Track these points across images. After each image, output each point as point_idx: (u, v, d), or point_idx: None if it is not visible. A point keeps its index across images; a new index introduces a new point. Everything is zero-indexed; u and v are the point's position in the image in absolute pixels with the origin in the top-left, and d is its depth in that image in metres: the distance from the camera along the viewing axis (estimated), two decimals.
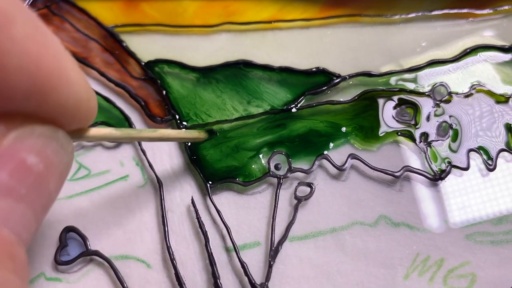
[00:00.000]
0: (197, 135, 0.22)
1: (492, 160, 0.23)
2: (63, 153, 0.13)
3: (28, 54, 0.11)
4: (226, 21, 0.27)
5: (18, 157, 0.11)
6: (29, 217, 0.11)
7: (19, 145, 0.11)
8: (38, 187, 0.12)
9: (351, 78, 0.25)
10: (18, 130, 0.11)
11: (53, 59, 0.11)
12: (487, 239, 0.22)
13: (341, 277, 0.22)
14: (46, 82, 0.11)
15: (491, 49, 0.25)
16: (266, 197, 0.24)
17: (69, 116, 0.13)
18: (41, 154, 0.12)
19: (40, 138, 0.12)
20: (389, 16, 0.26)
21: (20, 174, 0.11)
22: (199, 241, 0.23)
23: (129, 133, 0.18)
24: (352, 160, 0.24)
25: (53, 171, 0.12)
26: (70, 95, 0.12)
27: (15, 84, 0.11)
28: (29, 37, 0.11)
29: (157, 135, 0.19)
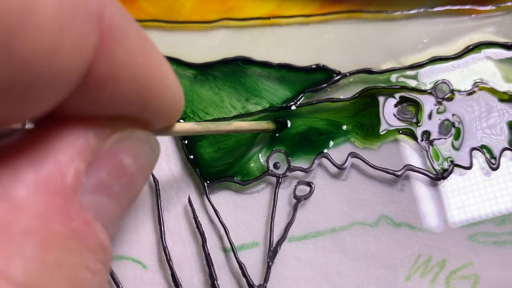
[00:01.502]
0: (267, 126, 0.23)
1: (495, 159, 0.23)
2: (152, 157, 0.14)
3: (138, 65, 0.12)
4: (224, 17, 0.26)
5: (117, 158, 0.12)
6: (117, 213, 0.13)
7: (119, 147, 0.12)
8: (129, 186, 0.13)
9: (352, 75, 0.25)
10: (120, 133, 0.12)
11: (156, 66, 0.12)
12: (490, 240, 0.22)
13: (341, 278, 0.22)
14: (151, 89, 0.12)
15: (494, 46, 0.25)
16: (265, 196, 0.23)
17: (163, 117, 0.14)
18: (136, 156, 0.13)
19: (137, 142, 0.13)
20: (390, 12, 0.26)
21: (116, 173, 0.12)
22: (196, 241, 0.23)
23: (208, 127, 0.19)
24: (353, 159, 0.23)
25: (142, 172, 0.13)
26: (168, 99, 0.13)
27: (125, 93, 0.11)
28: (139, 49, 0.12)
29: (232, 128, 0.20)
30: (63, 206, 0.10)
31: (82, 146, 0.11)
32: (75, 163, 0.11)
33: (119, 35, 0.11)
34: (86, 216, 0.11)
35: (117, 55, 0.11)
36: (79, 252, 0.11)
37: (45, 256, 0.10)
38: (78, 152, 0.11)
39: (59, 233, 0.10)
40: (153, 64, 0.12)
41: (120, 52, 0.11)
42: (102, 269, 0.11)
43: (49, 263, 0.10)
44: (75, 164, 0.11)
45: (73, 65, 0.10)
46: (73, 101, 0.11)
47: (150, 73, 0.12)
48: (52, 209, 0.10)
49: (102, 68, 0.11)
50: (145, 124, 0.14)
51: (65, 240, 0.10)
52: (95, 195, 0.12)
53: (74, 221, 0.11)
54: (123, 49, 0.11)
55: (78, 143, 0.11)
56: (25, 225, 0.10)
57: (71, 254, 0.10)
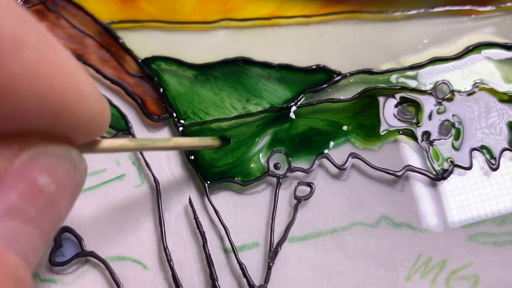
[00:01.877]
0: (211, 143, 0.22)
1: (495, 159, 0.23)
2: (76, 173, 0.13)
3: (40, 76, 0.10)
4: (224, 18, 0.26)
5: (29, 178, 0.11)
6: (37, 239, 0.11)
7: (32, 165, 0.11)
8: (48, 208, 0.11)
9: (352, 76, 0.25)
10: (31, 150, 0.11)
11: (65, 77, 0.11)
12: (490, 240, 0.22)
13: (341, 279, 0.22)
14: (59, 101, 0.11)
15: (494, 46, 0.25)
16: (265, 197, 0.23)
17: (82, 131, 0.13)
18: (53, 174, 0.12)
19: (53, 158, 0.12)
20: (391, 12, 0.26)
21: (30, 195, 0.11)
22: (196, 241, 0.23)
23: (143, 143, 0.17)
24: (353, 159, 0.23)
25: (64, 191, 0.12)
26: (83, 111, 0.12)
27: (27, 106, 0.10)
28: (40, 59, 0.10)
29: (171, 144, 0.19)
30: None
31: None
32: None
33: (12, 46, 0.10)
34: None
35: (11, 66, 0.10)
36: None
37: None
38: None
39: None
40: (61, 75, 0.11)
41: (14, 63, 0.10)
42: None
43: None
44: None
45: None
46: None
47: (56, 84, 0.11)
48: None
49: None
50: (65, 139, 0.12)
51: None
52: (6, 221, 0.10)
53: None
54: (18, 59, 0.10)
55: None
56: None
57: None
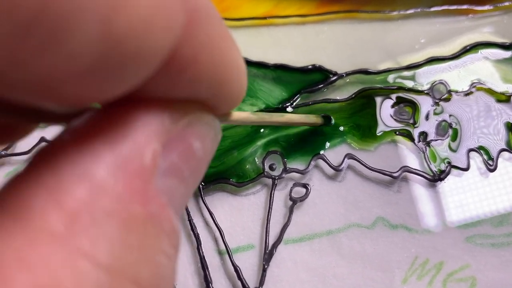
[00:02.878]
0: (315, 120, 0.23)
1: (493, 160, 0.23)
2: (216, 142, 0.13)
3: (218, 49, 0.11)
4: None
5: (187, 141, 0.12)
6: (185, 198, 0.12)
7: (190, 130, 0.12)
8: (196, 171, 0.12)
9: (348, 76, 0.25)
10: (190, 116, 0.12)
11: (232, 51, 0.12)
12: (488, 242, 0.22)
13: (337, 281, 0.22)
14: (226, 74, 0.12)
15: (491, 46, 0.25)
16: (261, 198, 0.23)
17: (229, 104, 0.14)
18: (203, 141, 0.12)
19: (205, 126, 0.13)
20: (387, 12, 0.26)
21: (186, 157, 0.12)
22: (190, 243, 0.22)
23: (263, 117, 0.19)
24: (349, 160, 0.23)
25: (208, 158, 0.13)
26: (237, 85, 0.13)
27: (203, 77, 0.11)
28: (219, 32, 0.11)
29: (284, 119, 0.20)
30: (142, 188, 0.10)
31: (158, 126, 0.11)
32: (153, 144, 0.11)
33: (203, 16, 0.11)
34: (162, 200, 0.11)
35: (200, 37, 0.11)
36: (157, 236, 0.10)
37: (128, 239, 0.10)
38: (155, 132, 0.11)
39: (139, 216, 0.10)
40: (229, 48, 0.12)
41: (203, 35, 0.11)
42: (175, 254, 0.11)
43: (132, 246, 0.10)
44: (153, 145, 0.11)
45: (162, 44, 0.09)
46: (153, 82, 0.10)
47: (227, 58, 0.12)
48: (132, 191, 0.10)
49: (186, 50, 0.10)
50: (212, 109, 0.13)
51: (144, 223, 0.10)
52: (168, 178, 0.11)
53: (152, 204, 0.10)
54: (205, 31, 0.11)
55: (155, 124, 0.11)
56: (107, 207, 0.09)
57: (150, 238, 0.10)
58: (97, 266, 0.09)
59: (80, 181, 0.09)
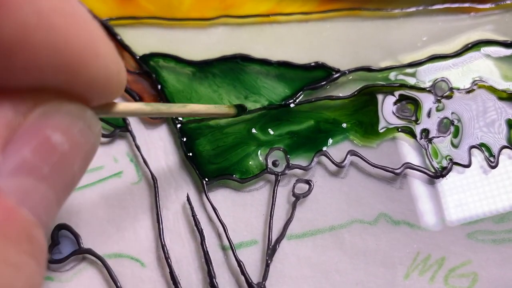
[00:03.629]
0: (227, 111, 0.21)
1: (494, 157, 0.23)
2: (90, 134, 0.12)
3: (56, 28, 0.10)
4: (223, 14, 0.26)
5: (42, 134, 0.11)
6: (50, 199, 0.11)
7: (45, 122, 0.11)
8: (61, 167, 0.11)
9: (351, 73, 0.25)
10: (45, 106, 0.11)
11: (82, 31, 0.11)
12: (489, 238, 0.22)
13: (340, 276, 0.22)
14: (75, 57, 0.11)
15: (493, 44, 0.25)
16: (264, 194, 0.23)
17: (98, 91, 0.12)
18: (67, 133, 0.11)
19: (67, 117, 0.11)
20: (390, 10, 0.26)
21: (43, 152, 0.11)
22: (194, 239, 0.22)
23: (159, 108, 0.17)
24: (352, 157, 0.23)
25: (78, 152, 0.12)
26: (100, 69, 0.11)
27: (42, 60, 0.10)
28: (56, 9, 0.10)
29: (187, 110, 0.18)
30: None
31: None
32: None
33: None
34: (6, 202, 0.10)
35: (25, 16, 0.09)
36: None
37: None
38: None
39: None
40: (77, 29, 0.11)
41: (29, 13, 0.09)
42: (31, 262, 0.10)
43: None
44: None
45: None
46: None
47: (73, 39, 0.10)
48: None
49: (7, 31, 0.09)
50: (79, 98, 0.12)
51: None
52: (18, 177, 0.10)
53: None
54: (33, 9, 0.09)
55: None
56: None
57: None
58: None
59: None
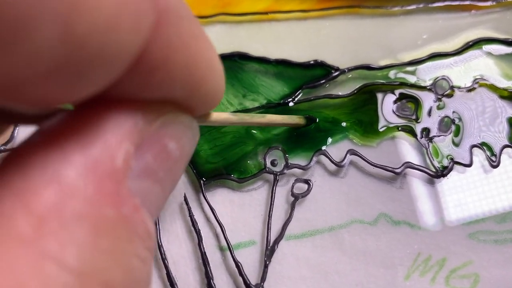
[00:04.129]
0: (298, 121, 0.23)
1: (496, 156, 0.23)
2: (194, 142, 0.14)
3: (191, 49, 0.11)
4: (221, 12, 0.26)
5: (162, 142, 0.12)
6: (161, 200, 0.12)
7: (164, 131, 0.12)
8: (172, 172, 0.12)
9: (350, 71, 0.24)
10: (165, 116, 0.12)
11: (206, 51, 0.12)
12: (491, 238, 0.22)
13: (339, 277, 0.21)
14: (200, 74, 0.12)
15: (494, 42, 0.25)
16: (262, 194, 0.23)
17: (206, 104, 0.14)
18: (179, 141, 0.13)
19: (181, 126, 0.13)
20: (389, 7, 0.26)
21: (161, 158, 0.12)
22: (192, 239, 0.22)
23: (243, 118, 0.19)
24: (351, 156, 0.23)
25: (185, 158, 0.13)
26: (214, 85, 0.13)
27: (176, 77, 0.11)
28: (191, 32, 0.11)
29: (265, 120, 0.20)
30: (113, 190, 0.10)
31: (131, 128, 0.11)
32: (125, 145, 0.11)
33: (174, 17, 0.10)
34: (135, 202, 0.11)
35: (171, 37, 0.10)
36: (130, 239, 0.10)
37: (98, 242, 0.10)
38: (127, 133, 0.11)
39: (110, 219, 0.10)
40: (203, 49, 0.12)
41: (174, 35, 0.11)
42: (150, 257, 0.11)
43: (102, 250, 0.10)
44: (125, 146, 0.11)
45: (129, 45, 0.09)
46: (123, 83, 0.10)
47: (201, 58, 0.12)
48: (103, 193, 0.10)
49: (156, 50, 0.10)
50: (188, 109, 0.13)
51: (116, 226, 0.10)
52: (142, 180, 0.11)
53: (125, 206, 0.10)
54: (177, 31, 0.11)
55: (127, 125, 0.11)
56: (77, 210, 0.09)
57: (123, 241, 0.10)
58: (64, 269, 0.09)
59: (49, 184, 0.09)
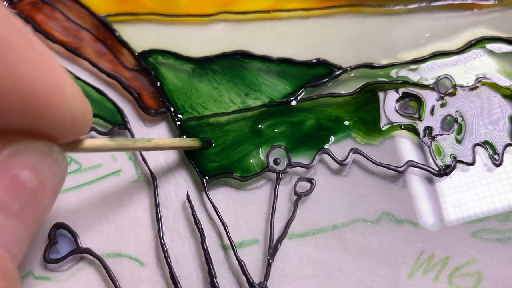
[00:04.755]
0: (192, 144, 0.22)
1: (498, 155, 0.23)
2: (57, 168, 0.13)
3: (22, 75, 0.11)
4: (223, 10, 0.26)
5: (11, 173, 0.11)
6: (21, 233, 0.12)
7: (13, 161, 0.11)
8: (31, 203, 0.12)
9: (353, 70, 0.24)
10: (12, 146, 0.11)
11: (48, 77, 0.12)
12: (494, 237, 0.22)
13: (342, 276, 0.21)
14: (40, 101, 0.11)
15: (496, 41, 0.25)
16: (265, 193, 0.23)
17: (64, 131, 0.13)
18: (35, 170, 0.12)
19: (34, 154, 0.12)
20: (392, 6, 0.26)
21: (13, 190, 0.11)
22: (194, 238, 0.22)
23: (124, 143, 0.18)
24: (354, 155, 0.23)
25: (47, 186, 0.12)
26: (65, 111, 0.12)
27: (9, 105, 0.11)
28: (24, 59, 0.11)
29: (152, 144, 0.19)
30: None
31: None
32: None
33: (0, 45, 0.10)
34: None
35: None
36: None
37: None
38: None
39: None
40: (43, 75, 0.11)
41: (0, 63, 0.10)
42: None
43: None
44: None
45: None
46: None
47: (39, 84, 0.11)
48: None
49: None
50: (47, 137, 0.13)
51: None
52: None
53: None
54: (2, 58, 0.10)
55: None
56: None
57: None
58: None
59: None
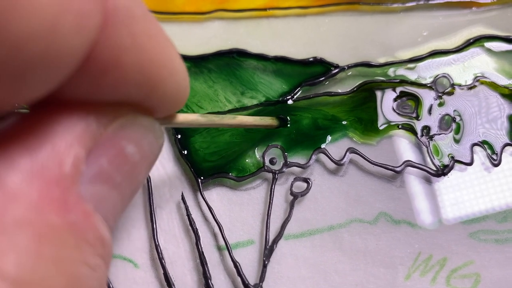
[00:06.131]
0: (270, 122, 0.22)
1: (497, 154, 0.23)
2: (156, 145, 0.13)
3: (144, 49, 0.11)
4: (219, 8, 0.25)
5: (118, 146, 0.12)
6: (119, 205, 0.12)
7: (121, 133, 0.12)
8: (131, 176, 0.12)
9: (350, 69, 0.24)
10: (122, 119, 0.12)
11: (163, 51, 0.12)
12: (492, 238, 0.21)
13: (339, 277, 0.21)
14: (157, 74, 0.12)
15: (495, 39, 0.25)
16: (261, 193, 0.23)
17: (167, 105, 0.13)
18: (139, 144, 0.12)
19: (140, 129, 0.12)
20: (389, 4, 0.25)
21: (118, 162, 0.12)
22: (189, 239, 0.22)
23: (212, 119, 0.18)
24: (351, 154, 0.23)
25: (146, 162, 0.13)
26: (174, 85, 0.13)
27: (129, 78, 0.11)
28: (145, 32, 0.11)
29: (236, 122, 0.20)
30: (60, 196, 0.10)
31: (82, 131, 0.10)
32: (74, 149, 0.10)
33: (125, 17, 0.10)
34: (86, 208, 0.10)
35: (121, 38, 0.10)
36: (77, 246, 0.10)
37: (40, 250, 0.09)
38: (78, 137, 0.10)
39: (55, 225, 0.10)
40: (159, 49, 0.12)
41: (125, 35, 0.10)
42: (102, 264, 0.11)
43: (44, 258, 0.09)
44: (74, 150, 0.10)
45: (73, 47, 0.09)
46: (72, 85, 0.10)
47: (156, 58, 0.11)
48: (48, 199, 0.10)
49: (105, 52, 0.10)
50: (149, 111, 0.13)
51: (62, 233, 0.10)
52: (96, 185, 0.11)
53: (72, 212, 0.10)
54: (128, 31, 0.10)
55: (78, 128, 0.10)
56: (18, 215, 0.09)
57: (69, 248, 0.10)
58: (3, 280, 0.08)
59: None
